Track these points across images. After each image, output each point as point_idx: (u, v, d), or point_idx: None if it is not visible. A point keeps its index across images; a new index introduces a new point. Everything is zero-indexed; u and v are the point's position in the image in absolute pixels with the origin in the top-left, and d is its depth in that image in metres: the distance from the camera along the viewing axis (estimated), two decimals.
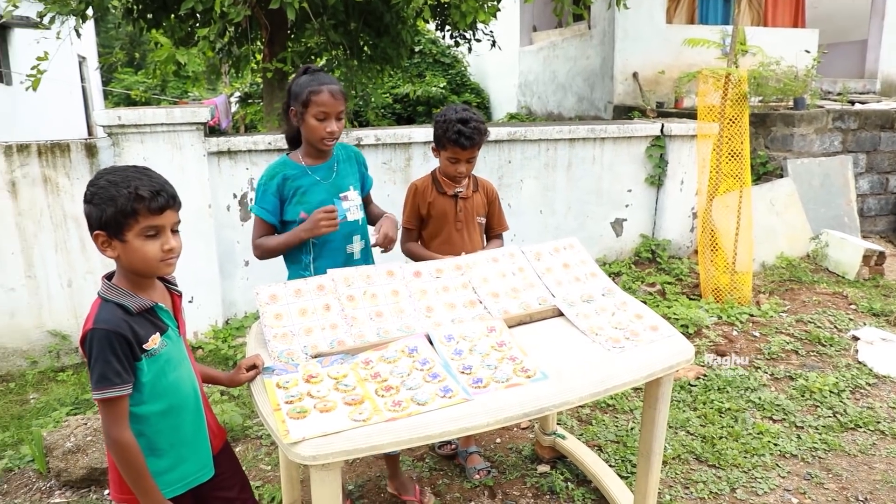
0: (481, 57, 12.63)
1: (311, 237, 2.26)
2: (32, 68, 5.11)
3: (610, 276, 5.17)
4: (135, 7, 6.03)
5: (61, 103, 13.21)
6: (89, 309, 1.55)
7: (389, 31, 6.64)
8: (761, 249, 5.33)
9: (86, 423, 2.93)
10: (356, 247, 2.43)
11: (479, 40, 7.90)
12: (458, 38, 7.89)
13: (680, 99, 7.74)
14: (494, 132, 4.96)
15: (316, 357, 1.91)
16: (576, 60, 9.35)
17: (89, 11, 5.44)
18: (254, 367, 1.84)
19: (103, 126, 3.95)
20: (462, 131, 2.44)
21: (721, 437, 2.98)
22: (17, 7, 4.96)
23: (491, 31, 8.11)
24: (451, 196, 2.60)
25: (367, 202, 2.53)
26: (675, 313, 4.25)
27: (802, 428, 3.08)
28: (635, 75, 8.06)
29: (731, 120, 4.44)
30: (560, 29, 10.00)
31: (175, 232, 1.60)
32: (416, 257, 2.61)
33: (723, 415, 3.18)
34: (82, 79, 15.47)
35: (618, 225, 5.49)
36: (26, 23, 9.56)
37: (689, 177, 5.44)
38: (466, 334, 2.03)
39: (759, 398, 3.31)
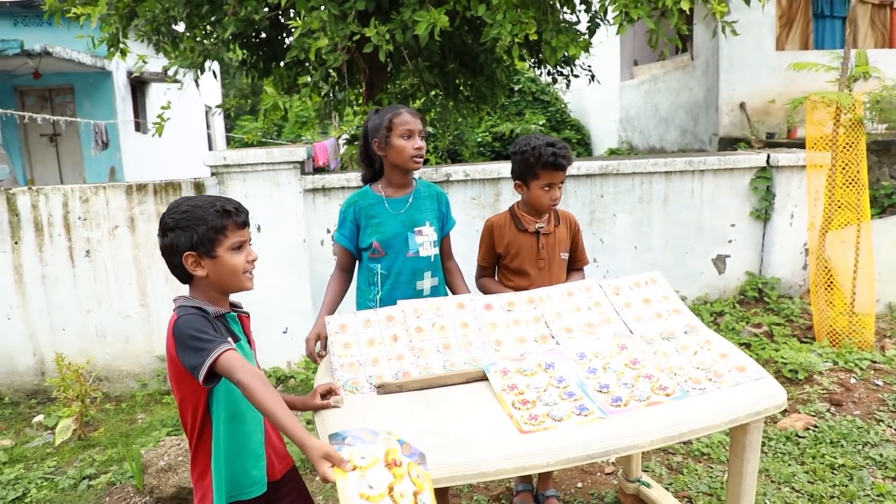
0: (581, 93, 12.56)
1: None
2: (158, 117, 5.64)
3: (711, 315, 4.86)
4: (247, 59, 6.52)
5: (188, 149, 14.46)
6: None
7: (484, 70, 6.75)
8: (887, 289, 4.81)
9: (179, 444, 3.09)
10: (426, 283, 2.41)
11: (576, 76, 7.85)
12: (554, 75, 7.88)
13: (793, 129, 7.26)
14: (585, 166, 4.87)
15: (380, 387, 1.91)
16: (678, 93, 9.05)
17: (207, 64, 5.94)
18: (329, 392, 1.85)
19: (210, 166, 4.26)
20: (556, 152, 2.34)
21: (832, 497, 2.66)
22: (146, 62, 5.51)
23: (589, 66, 8.04)
24: (532, 233, 2.47)
25: (444, 246, 2.50)
26: (783, 357, 3.90)
27: None
28: (742, 106, 7.67)
29: (845, 146, 4.09)
30: (662, 62, 9.75)
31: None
32: (489, 294, 2.55)
33: (835, 471, 2.85)
34: (208, 126, 16.89)
35: (720, 262, 5.17)
36: (161, 77, 10.64)
37: (800, 210, 5.05)
38: (599, 352, 2.03)
39: (881, 455, 2.94)
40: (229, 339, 1.60)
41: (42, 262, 4.32)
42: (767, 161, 5.02)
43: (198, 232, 1.58)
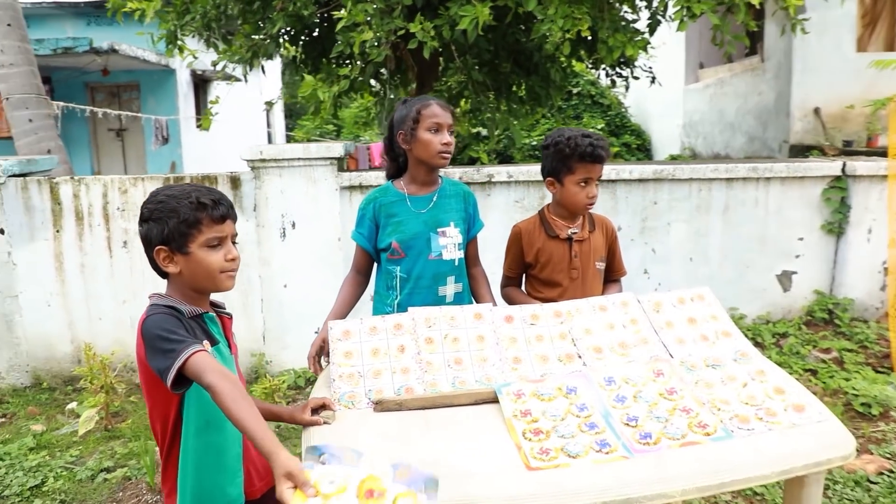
0: (643, 97, 12.08)
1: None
2: (206, 111, 5.66)
3: (774, 336, 4.45)
4: (298, 55, 6.48)
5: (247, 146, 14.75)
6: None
7: (539, 70, 6.50)
8: None
9: None
10: (449, 289, 2.22)
11: (636, 77, 7.47)
12: (613, 77, 7.53)
13: (874, 136, 6.69)
14: (638, 170, 4.56)
15: (377, 403, 1.71)
16: (746, 97, 8.54)
17: (257, 60, 5.91)
18: (323, 407, 1.68)
19: (247, 160, 4.18)
20: (593, 143, 2.14)
21: None
22: (196, 58, 5.53)
23: (650, 68, 7.65)
24: (565, 239, 2.25)
25: (470, 250, 2.31)
26: (853, 388, 3.50)
27: None
28: (817, 111, 7.13)
29: None
30: (729, 64, 9.24)
31: (234, 243, 1.54)
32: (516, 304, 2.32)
33: None
34: (268, 125, 17.19)
35: (786, 278, 4.75)
36: (224, 75, 10.84)
37: (879, 224, 4.57)
38: (630, 377, 1.78)
39: None
40: (205, 341, 1.45)
41: (81, 252, 4.34)
42: (843, 169, 4.57)
43: (169, 225, 1.43)
